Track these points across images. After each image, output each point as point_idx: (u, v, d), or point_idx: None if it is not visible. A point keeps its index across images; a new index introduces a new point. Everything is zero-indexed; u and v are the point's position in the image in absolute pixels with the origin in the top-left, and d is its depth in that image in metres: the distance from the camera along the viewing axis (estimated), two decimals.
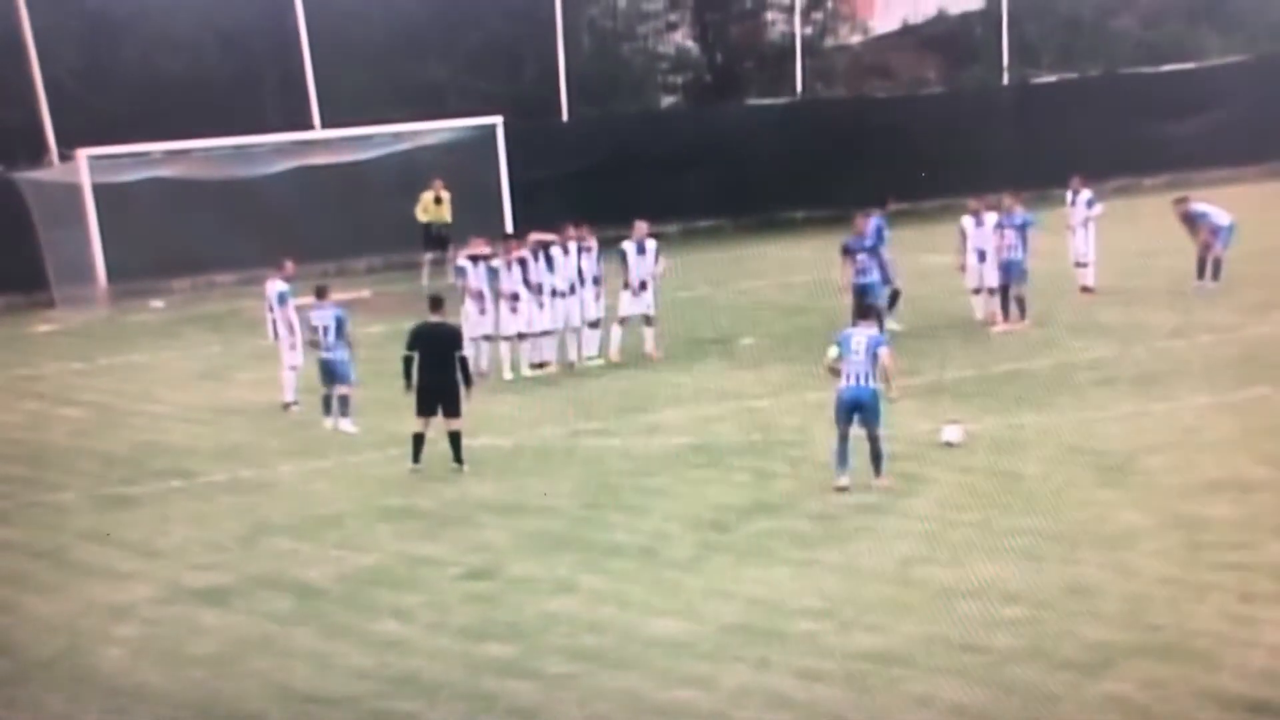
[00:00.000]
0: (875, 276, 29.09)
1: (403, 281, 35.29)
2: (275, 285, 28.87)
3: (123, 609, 19.61)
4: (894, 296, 30.48)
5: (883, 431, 22.25)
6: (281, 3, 40.73)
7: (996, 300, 30.26)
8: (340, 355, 26.90)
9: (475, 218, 36.01)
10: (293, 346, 28.34)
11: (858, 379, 21.94)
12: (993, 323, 30.23)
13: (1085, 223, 32.02)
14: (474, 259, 29.54)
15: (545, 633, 18.01)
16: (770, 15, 48.90)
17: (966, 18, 50.98)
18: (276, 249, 29.79)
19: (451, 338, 24.41)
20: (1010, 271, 29.90)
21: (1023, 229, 29.97)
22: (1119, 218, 33.01)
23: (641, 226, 30.42)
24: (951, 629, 17.30)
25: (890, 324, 28.82)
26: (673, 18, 48.69)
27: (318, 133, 39.06)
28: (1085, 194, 32.31)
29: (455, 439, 24.05)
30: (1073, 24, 51.83)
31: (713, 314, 30.12)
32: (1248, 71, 47.47)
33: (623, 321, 30.28)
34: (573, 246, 29.86)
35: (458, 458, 24.09)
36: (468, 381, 24.25)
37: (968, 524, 20.63)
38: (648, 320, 30.08)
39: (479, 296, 29.24)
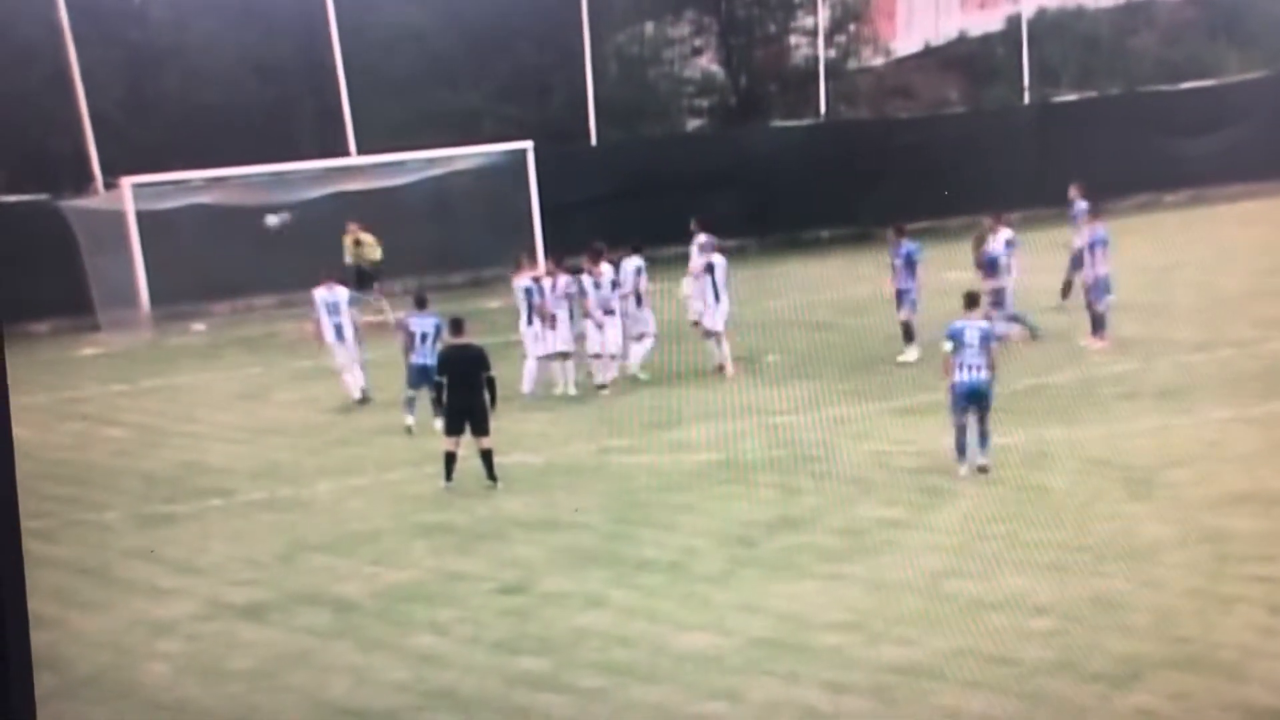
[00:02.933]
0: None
1: (439, 303, 35.13)
2: (338, 290, 29.40)
3: (165, 625, 19.49)
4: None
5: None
6: (317, 33, 40.87)
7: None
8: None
9: (507, 241, 36.08)
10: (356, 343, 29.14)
11: (972, 370, 22.00)
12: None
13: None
14: (537, 280, 29.30)
15: (577, 647, 17.87)
16: (794, 39, 48.85)
17: (987, 39, 50.95)
18: (313, 273, 29.65)
19: (478, 359, 24.10)
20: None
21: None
22: (1140, 233, 32.80)
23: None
24: (980, 642, 17.11)
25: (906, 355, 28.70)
26: (698, 43, 48.70)
27: (353, 159, 38.98)
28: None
29: (487, 456, 23.84)
30: (1092, 43, 51.69)
31: (739, 331, 29.83)
32: (1267, 88, 47.24)
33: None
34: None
35: (491, 475, 23.85)
36: (494, 401, 23.99)
37: (995, 537, 20.41)
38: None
39: (551, 317, 28.96)
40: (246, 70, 42.82)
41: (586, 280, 28.95)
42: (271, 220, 36.36)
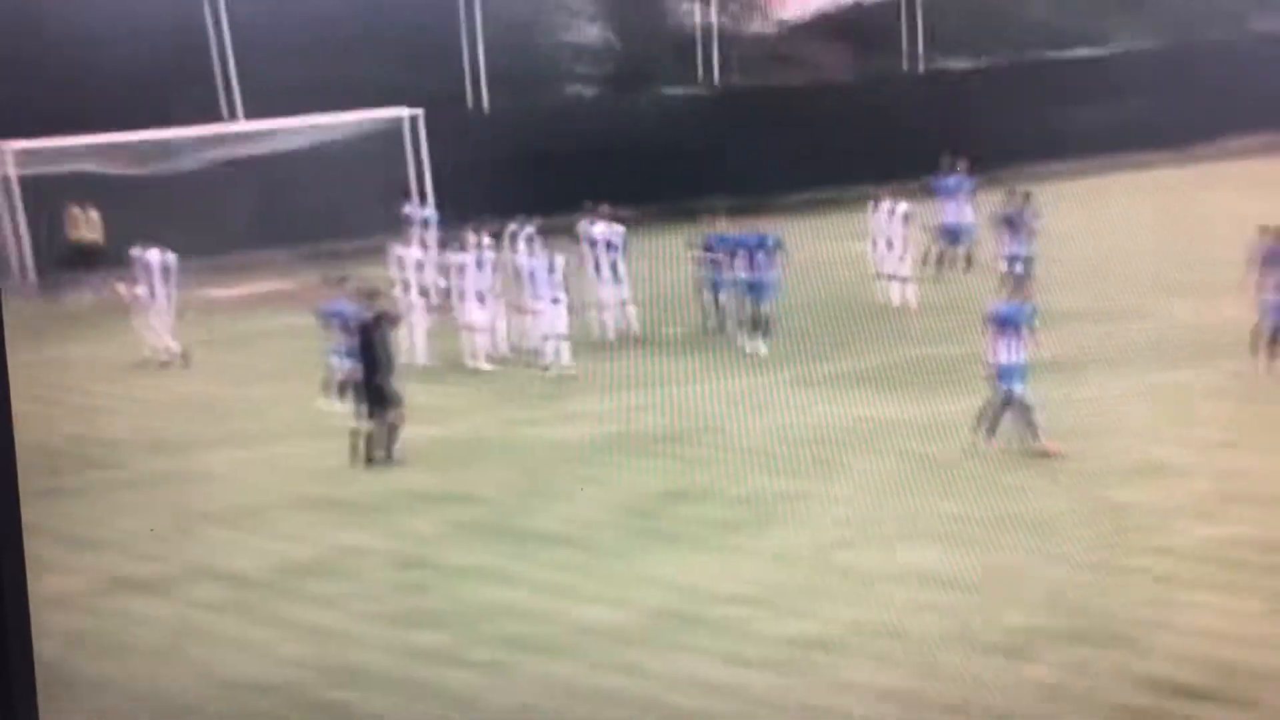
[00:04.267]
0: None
1: (322, 271, 34.84)
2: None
3: (58, 600, 19.21)
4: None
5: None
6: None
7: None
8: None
9: (392, 209, 36.05)
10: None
11: (1012, 351, 21.95)
12: None
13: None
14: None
15: (478, 621, 17.85)
16: (683, 5, 48.68)
17: (880, 6, 50.85)
18: (200, 239, 29.41)
19: (388, 334, 23.93)
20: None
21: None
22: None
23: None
24: (878, 614, 17.19)
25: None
26: (585, 6, 48.46)
27: (239, 125, 38.57)
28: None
29: (393, 431, 23.62)
30: (983, 11, 51.80)
31: (636, 304, 29.73)
32: (1157, 58, 47.54)
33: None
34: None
35: (390, 449, 23.65)
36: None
37: (890, 509, 20.47)
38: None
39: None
40: (127, 33, 42.38)
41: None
42: None
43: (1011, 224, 28.79)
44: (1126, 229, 29.24)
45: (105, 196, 34.52)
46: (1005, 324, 21.44)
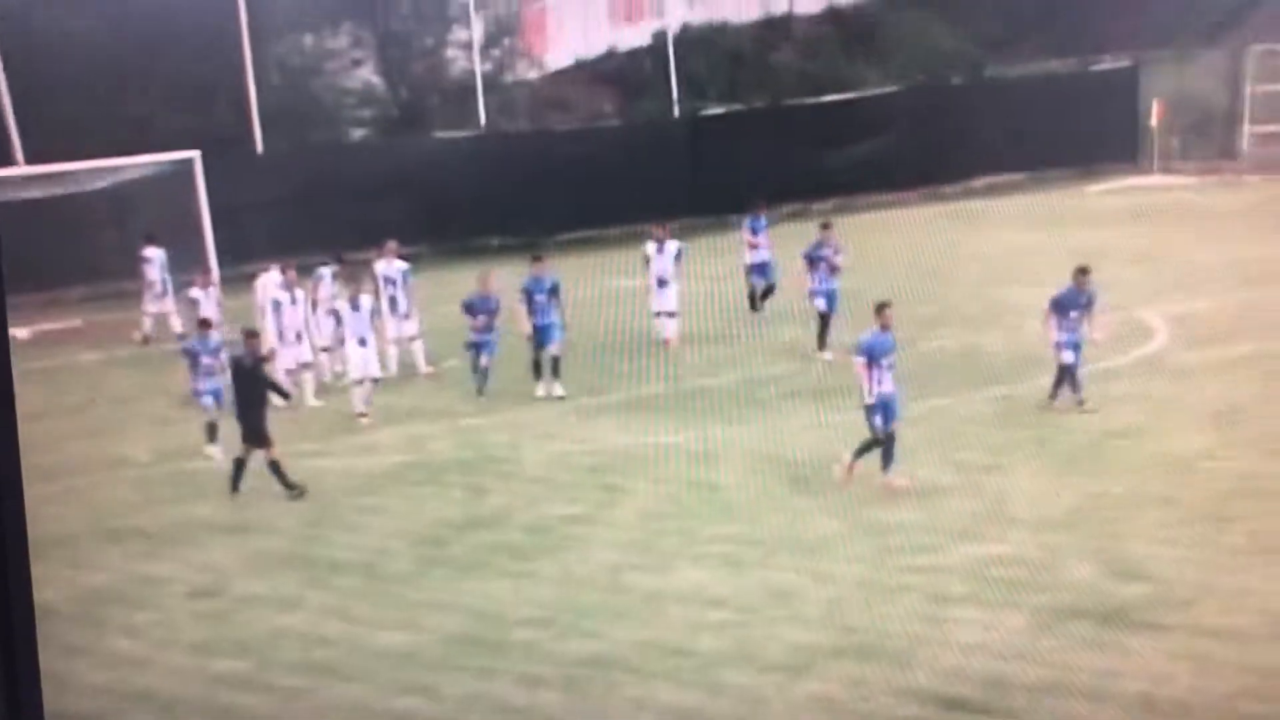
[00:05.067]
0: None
1: (115, 310, 34.28)
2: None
3: None
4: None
5: None
6: None
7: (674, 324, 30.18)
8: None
9: (181, 248, 35.72)
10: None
11: (885, 383, 21.78)
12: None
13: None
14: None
15: (275, 648, 17.76)
16: (451, 52, 48.71)
17: (635, 53, 51.23)
18: None
19: (263, 371, 23.87)
20: None
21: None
22: (793, 239, 33.05)
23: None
24: (661, 633, 17.33)
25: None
26: (357, 54, 48.24)
27: (20, 169, 37.90)
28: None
29: (276, 465, 23.22)
30: (736, 58, 52.29)
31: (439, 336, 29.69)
32: (901, 101, 48.33)
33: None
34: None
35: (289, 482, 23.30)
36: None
37: (671, 532, 20.65)
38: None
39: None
40: None
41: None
42: None
43: (812, 261, 28.97)
44: (876, 265, 29.63)
45: None
46: (873, 355, 21.53)
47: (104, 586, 20.01)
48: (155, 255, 34.44)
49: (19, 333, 30.87)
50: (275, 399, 24.21)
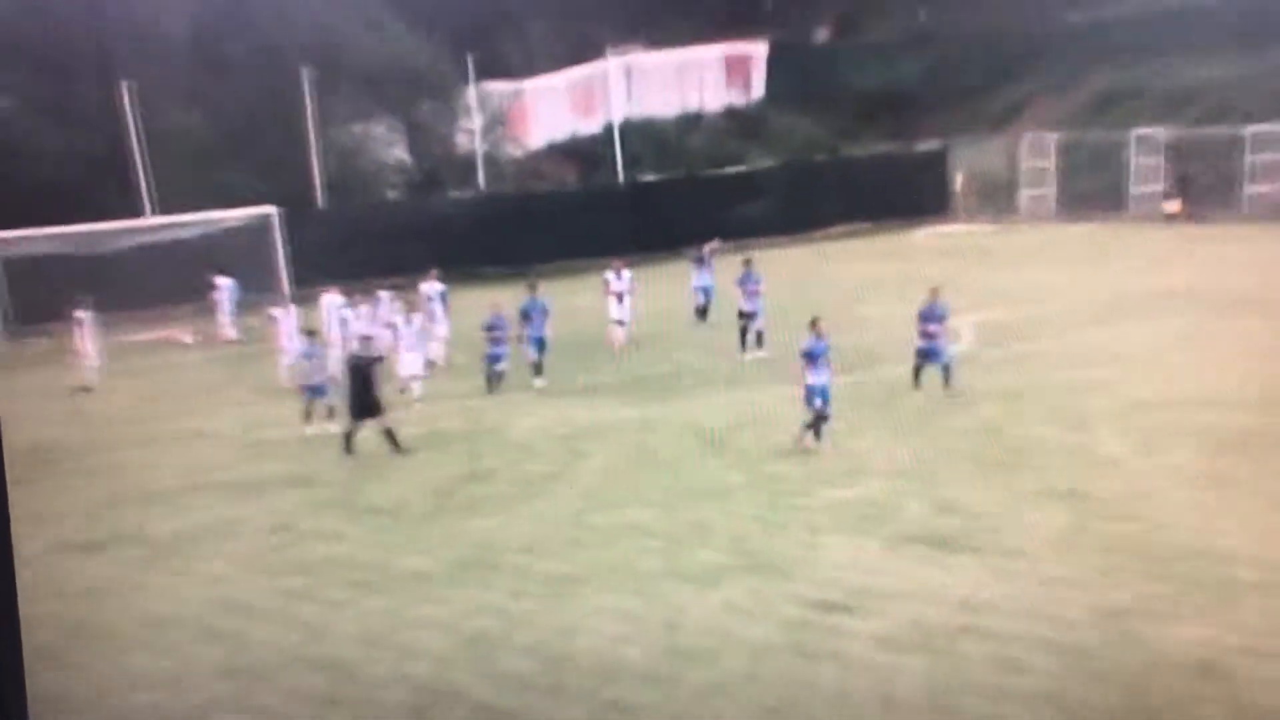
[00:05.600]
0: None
1: (211, 322, 33.62)
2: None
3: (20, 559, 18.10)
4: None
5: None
6: (118, 122, 39.42)
7: (623, 331, 29.84)
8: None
9: (262, 277, 35.53)
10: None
11: (820, 374, 21.02)
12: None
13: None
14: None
15: (326, 569, 17.26)
16: (459, 136, 48.63)
17: (591, 138, 51.29)
18: (125, 303, 28.73)
19: (374, 362, 22.94)
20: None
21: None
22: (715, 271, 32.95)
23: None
24: (613, 557, 16.91)
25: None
26: (392, 138, 48.26)
27: (150, 220, 37.47)
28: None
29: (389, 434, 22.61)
30: (662, 141, 52.34)
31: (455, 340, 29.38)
32: (779, 172, 48.39)
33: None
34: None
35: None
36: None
37: (620, 483, 20.14)
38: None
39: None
40: (60, 147, 41.55)
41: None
42: None
43: (742, 285, 28.63)
44: (774, 287, 29.35)
45: (55, 270, 33.27)
46: (813, 356, 20.95)
47: (201, 524, 19.42)
48: (225, 283, 34.23)
49: (143, 336, 30.31)
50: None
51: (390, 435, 22.44)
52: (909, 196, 47.59)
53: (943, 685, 13.03)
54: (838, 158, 51.65)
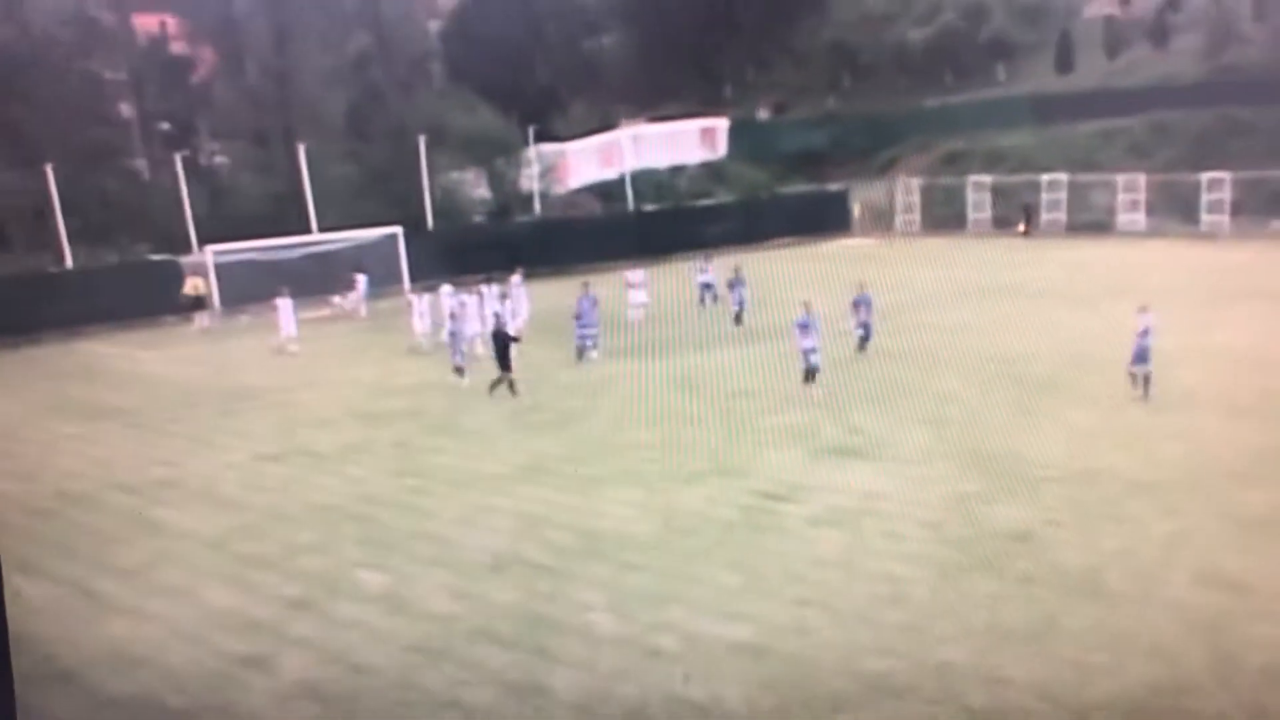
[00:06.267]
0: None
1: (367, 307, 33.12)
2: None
3: (230, 465, 17.66)
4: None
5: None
6: (297, 172, 38.93)
7: (642, 311, 28.76)
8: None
9: (389, 276, 35.46)
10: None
11: (809, 339, 19.86)
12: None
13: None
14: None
15: (433, 473, 16.82)
16: (523, 180, 47.90)
17: (611, 182, 50.55)
18: (296, 293, 28.85)
19: (508, 335, 21.74)
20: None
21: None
22: (680, 275, 32.01)
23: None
24: (625, 465, 16.61)
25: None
26: (478, 181, 47.54)
27: (316, 235, 36.91)
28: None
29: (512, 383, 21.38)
30: (659, 184, 51.79)
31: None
32: (737, 205, 48.09)
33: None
34: None
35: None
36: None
37: (629, 413, 19.64)
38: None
39: None
40: (263, 195, 41.43)
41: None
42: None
43: (732, 285, 27.52)
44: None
45: (250, 271, 32.76)
46: (805, 326, 19.91)
47: (348, 442, 18.88)
48: (361, 278, 33.59)
49: (309, 314, 29.49)
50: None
51: (511, 384, 21.29)
52: (823, 220, 47.07)
53: (849, 548, 12.83)
54: (776, 194, 51.10)
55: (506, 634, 11.04)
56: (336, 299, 33.41)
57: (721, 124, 56.26)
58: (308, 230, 37.58)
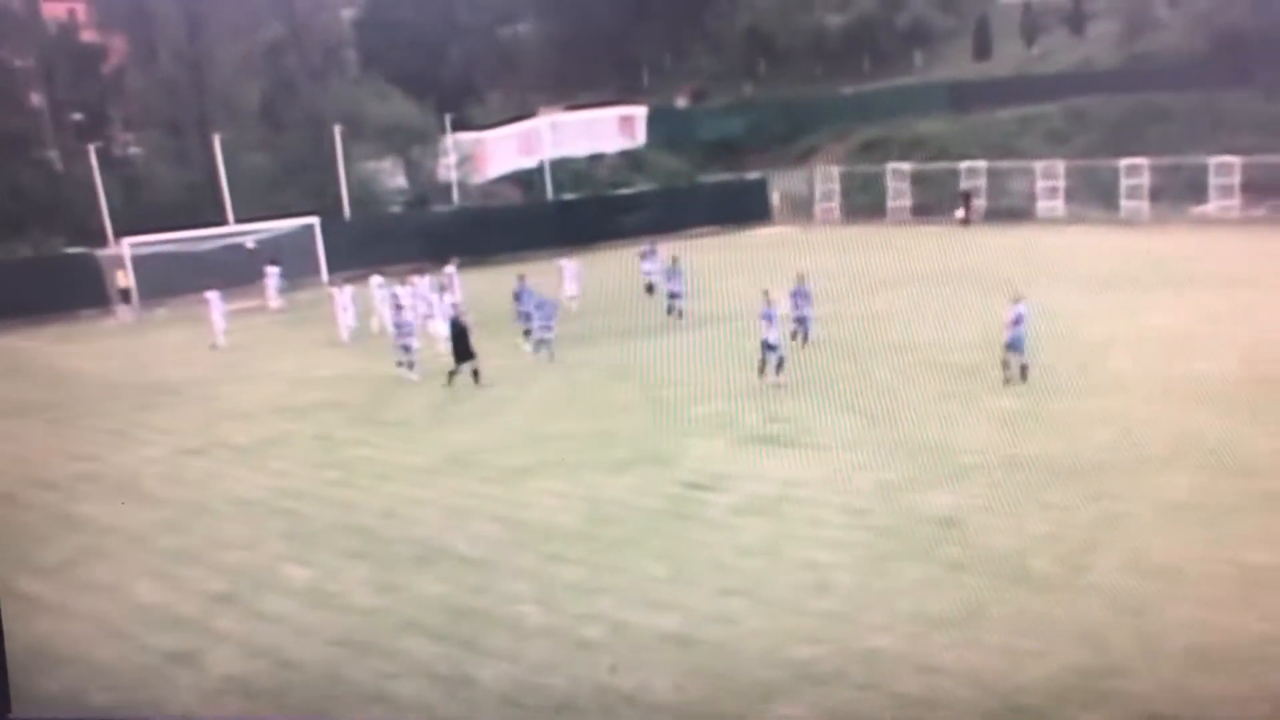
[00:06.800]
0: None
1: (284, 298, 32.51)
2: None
3: (150, 460, 17.24)
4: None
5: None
6: (212, 162, 38.16)
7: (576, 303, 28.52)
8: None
9: (306, 266, 34.86)
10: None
11: (774, 331, 19.65)
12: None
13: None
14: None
15: (355, 466, 16.63)
16: (440, 169, 47.37)
17: (530, 170, 50.18)
18: (210, 285, 27.90)
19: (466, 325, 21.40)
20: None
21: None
22: (610, 263, 31.80)
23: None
24: (551, 455, 16.47)
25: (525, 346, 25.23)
26: (395, 170, 46.92)
27: (232, 227, 36.12)
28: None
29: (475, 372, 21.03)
30: (577, 173, 51.55)
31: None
32: (655, 194, 48.12)
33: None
34: None
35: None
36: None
37: (556, 405, 19.61)
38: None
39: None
40: (178, 185, 40.69)
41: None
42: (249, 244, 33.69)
43: (669, 275, 27.12)
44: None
45: (167, 264, 31.99)
46: (770, 318, 19.68)
47: (269, 435, 18.63)
48: (273, 270, 32.92)
49: (232, 306, 28.81)
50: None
51: (475, 373, 20.90)
52: (743, 208, 47.28)
53: (772, 536, 12.95)
54: (695, 183, 51.23)
55: (433, 626, 11.01)
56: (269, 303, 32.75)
57: (640, 112, 56.28)
58: (224, 221, 36.82)
